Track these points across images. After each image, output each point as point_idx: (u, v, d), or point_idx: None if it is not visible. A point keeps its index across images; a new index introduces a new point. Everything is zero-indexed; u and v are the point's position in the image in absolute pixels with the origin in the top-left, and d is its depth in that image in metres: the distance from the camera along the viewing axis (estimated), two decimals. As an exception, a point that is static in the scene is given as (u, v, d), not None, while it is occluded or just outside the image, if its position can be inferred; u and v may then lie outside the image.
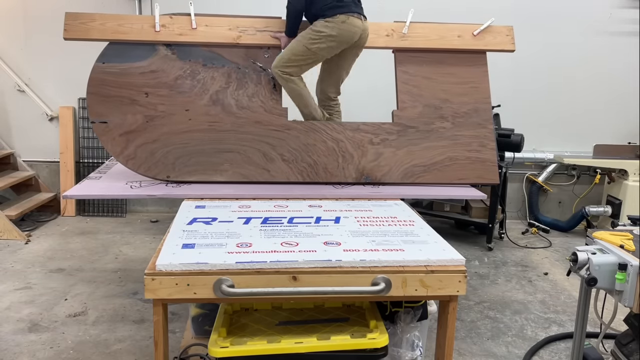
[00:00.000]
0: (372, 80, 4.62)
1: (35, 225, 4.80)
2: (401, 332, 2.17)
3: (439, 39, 3.21)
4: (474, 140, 3.20)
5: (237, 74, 3.07)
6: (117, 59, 2.99)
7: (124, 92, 2.99)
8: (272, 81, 3.08)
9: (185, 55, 3.04)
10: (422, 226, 2.35)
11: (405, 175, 3.11)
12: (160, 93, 3.01)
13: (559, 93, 5.27)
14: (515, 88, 5.18)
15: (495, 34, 3.27)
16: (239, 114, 3.06)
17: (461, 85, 3.23)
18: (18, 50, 5.07)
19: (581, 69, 5.22)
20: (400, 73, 3.21)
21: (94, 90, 2.98)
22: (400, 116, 3.18)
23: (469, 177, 3.16)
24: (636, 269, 1.92)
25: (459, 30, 3.24)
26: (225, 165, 3.03)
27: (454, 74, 3.24)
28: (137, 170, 3.00)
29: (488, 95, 3.26)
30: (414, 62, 3.23)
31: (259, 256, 1.91)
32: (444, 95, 3.22)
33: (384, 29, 3.19)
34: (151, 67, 3.01)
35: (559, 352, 2.88)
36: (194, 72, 3.04)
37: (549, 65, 5.20)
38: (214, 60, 3.06)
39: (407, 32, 3.18)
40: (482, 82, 3.26)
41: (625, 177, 4.86)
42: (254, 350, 1.86)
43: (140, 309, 3.21)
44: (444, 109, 3.21)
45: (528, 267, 4.13)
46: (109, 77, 2.98)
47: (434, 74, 3.23)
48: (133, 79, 3.00)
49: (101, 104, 2.98)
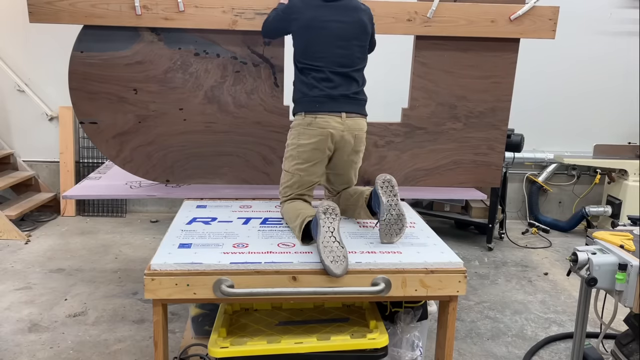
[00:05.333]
0: (377, 73, 4.56)
1: (35, 225, 4.79)
2: (401, 332, 2.17)
3: (467, 24, 2.75)
4: (483, 142, 3.01)
5: (233, 66, 2.79)
6: (96, 47, 2.70)
7: (111, 88, 2.77)
8: (273, 76, 2.82)
9: (173, 41, 2.73)
10: (423, 228, 2.35)
11: (406, 180, 3.05)
12: (150, 89, 2.79)
13: (559, 93, 5.26)
14: (515, 88, 5.16)
15: (535, 18, 2.78)
16: (237, 113, 2.86)
17: (482, 80, 2.93)
18: (18, 50, 5.06)
19: (581, 68, 5.21)
20: (418, 65, 2.87)
21: (76, 86, 2.75)
22: (409, 116, 2.95)
23: (470, 180, 3.09)
24: (636, 269, 1.92)
25: (494, 12, 2.75)
26: (224, 169, 2.95)
27: (478, 66, 2.89)
28: (135, 173, 2.92)
29: (510, 93, 2.96)
30: (436, 52, 2.85)
31: (255, 257, 1.91)
32: (461, 91, 2.93)
33: (406, 12, 2.72)
34: (136, 57, 2.73)
35: (559, 352, 2.88)
36: (185, 64, 2.77)
37: (549, 65, 5.19)
38: (207, 48, 2.76)
39: (431, 16, 2.72)
40: (507, 76, 2.94)
41: (625, 177, 4.86)
42: (254, 351, 1.86)
43: (140, 309, 3.21)
44: (458, 107, 2.96)
45: (528, 267, 4.13)
46: (92, 70, 2.72)
47: (455, 66, 2.88)
48: (118, 71, 2.74)
49: (87, 102, 2.78)
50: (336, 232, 1.92)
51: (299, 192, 2.37)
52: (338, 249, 1.88)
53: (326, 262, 1.84)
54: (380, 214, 2.09)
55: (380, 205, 2.11)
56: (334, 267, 1.84)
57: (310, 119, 2.29)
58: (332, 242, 1.89)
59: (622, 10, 5.09)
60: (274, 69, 2.81)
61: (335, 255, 1.86)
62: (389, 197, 2.09)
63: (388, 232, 2.07)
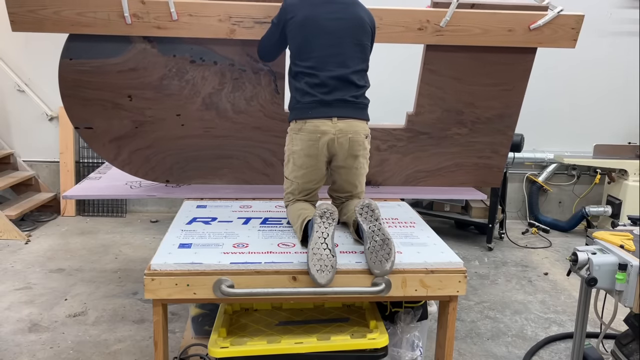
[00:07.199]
0: (380, 75, 4.55)
1: (35, 225, 4.79)
2: (401, 332, 2.16)
3: (482, 33, 2.55)
4: (488, 147, 2.93)
5: (232, 73, 2.64)
6: (86, 54, 2.53)
7: (105, 95, 2.63)
8: (274, 83, 2.69)
9: (168, 48, 2.56)
10: (423, 228, 2.35)
11: (407, 180, 3.03)
12: (146, 96, 2.65)
13: (559, 93, 5.27)
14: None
15: (557, 27, 2.57)
16: (236, 119, 2.75)
17: (493, 87, 2.77)
18: (18, 50, 5.06)
19: (581, 68, 5.21)
20: (427, 72, 2.71)
21: (68, 93, 2.62)
22: (414, 121, 2.84)
23: (471, 181, 3.07)
24: (636, 269, 1.92)
25: (512, 21, 2.54)
26: (224, 170, 2.92)
27: (490, 74, 2.73)
28: (134, 174, 2.90)
29: (521, 100, 2.82)
30: (446, 59, 2.67)
31: (255, 257, 1.91)
32: (469, 98, 2.79)
33: (417, 21, 2.51)
34: (129, 64, 2.57)
35: (559, 352, 2.88)
36: (181, 71, 2.61)
37: (549, 65, 5.18)
38: (203, 55, 2.59)
39: (445, 25, 2.51)
40: (519, 84, 2.78)
41: (625, 177, 4.86)
42: (254, 351, 1.86)
43: (140, 309, 3.21)
44: (465, 114, 2.83)
45: (528, 267, 4.13)
46: (83, 77, 2.57)
47: (465, 73, 2.72)
48: (111, 78, 2.59)
49: (81, 108, 2.65)
50: (329, 238, 1.85)
51: (300, 197, 2.31)
52: (327, 258, 1.81)
53: (312, 271, 1.79)
54: (364, 243, 1.93)
55: (363, 233, 1.97)
56: (319, 276, 1.78)
57: (300, 124, 2.20)
58: (323, 249, 1.82)
59: (622, 10, 5.09)
60: (275, 76, 2.68)
61: (323, 265, 1.79)
62: (370, 223, 1.92)
63: (376, 260, 1.85)
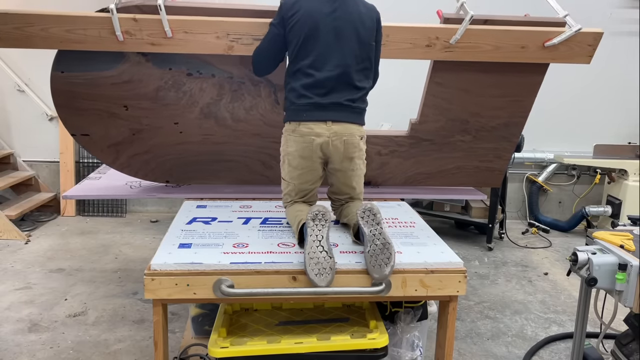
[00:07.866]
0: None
1: (35, 225, 4.79)
2: (401, 332, 2.17)
3: (493, 50, 2.42)
4: (491, 152, 2.89)
5: (230, 85, 2.56)
6: (77, 67, 2.45)
7: (100, 105, 2.55)
8: (274, 94, 2.61)
9: (163, 62, 2.46)
10: (423, 228, 2.35)
11: (407, 181, 3.03)
12: (142, 106, 2.58)
13: (559, 93, 5.26)
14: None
15: (573, 44, 2.45)
16: (236, 126, 2.69)
17: (501, 98, 2.68)
18: (18, 50, 5.06)
19: (581, 68, 5.19)
20: (433, 85, 2.62)
21: (63, 103, 2.55)
22: (417, 129, 2.78)
23: (471, 182, 3.07)
24: (636, 269, 1.92)
25: (526, 39, 2.42)
26: (223, 173, 2.91)
27: (499, 86, 2.62)
28: (134, 176, 2.90)
29: (528, 110, 2.74)
30: (454, 73, 2.56)
31: (255, 257, 1.91)
32: (475, 109, 2.70)
33: (426, 37, 2.39)
34: (123, 76, 2.48)
35: (559, 352, 2.88)
36: (177, 83, 2.53)
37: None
38: (200, 68, 2.50)
39: (455, 42, 2.39)
40: (528, 96, 2.68)
41: (625, 177, 4.86)
42: (254, 351, 1.86)
43: (140, 309, 3.21)
44: (470, 123, 2.75)
45: (528, 267, 4.13)
46: (76, 89, 2.50)
47: (473, 85, 2.62)
48: (105, 90, 2.51)
49: (77, 118, 2.59)
50: (324, 240, 1.84)
51: (298, 198, 2.30)
52: (324, 260, 1.80)
53: (310, 275, 1.78)
54: (364, 246, 1.92)
55: (363, 236, 1.96)
56: (318, 279, 1.78)
57: (294, 126, 2.18)
58: (319, 252, 1.81)
59: (622, 10, 5.09)
60: (274, 88, 2.59)
61: (321, 268, 1.79)
62: (372, 227, 1.92)
63: (376, 264, 1.83)
